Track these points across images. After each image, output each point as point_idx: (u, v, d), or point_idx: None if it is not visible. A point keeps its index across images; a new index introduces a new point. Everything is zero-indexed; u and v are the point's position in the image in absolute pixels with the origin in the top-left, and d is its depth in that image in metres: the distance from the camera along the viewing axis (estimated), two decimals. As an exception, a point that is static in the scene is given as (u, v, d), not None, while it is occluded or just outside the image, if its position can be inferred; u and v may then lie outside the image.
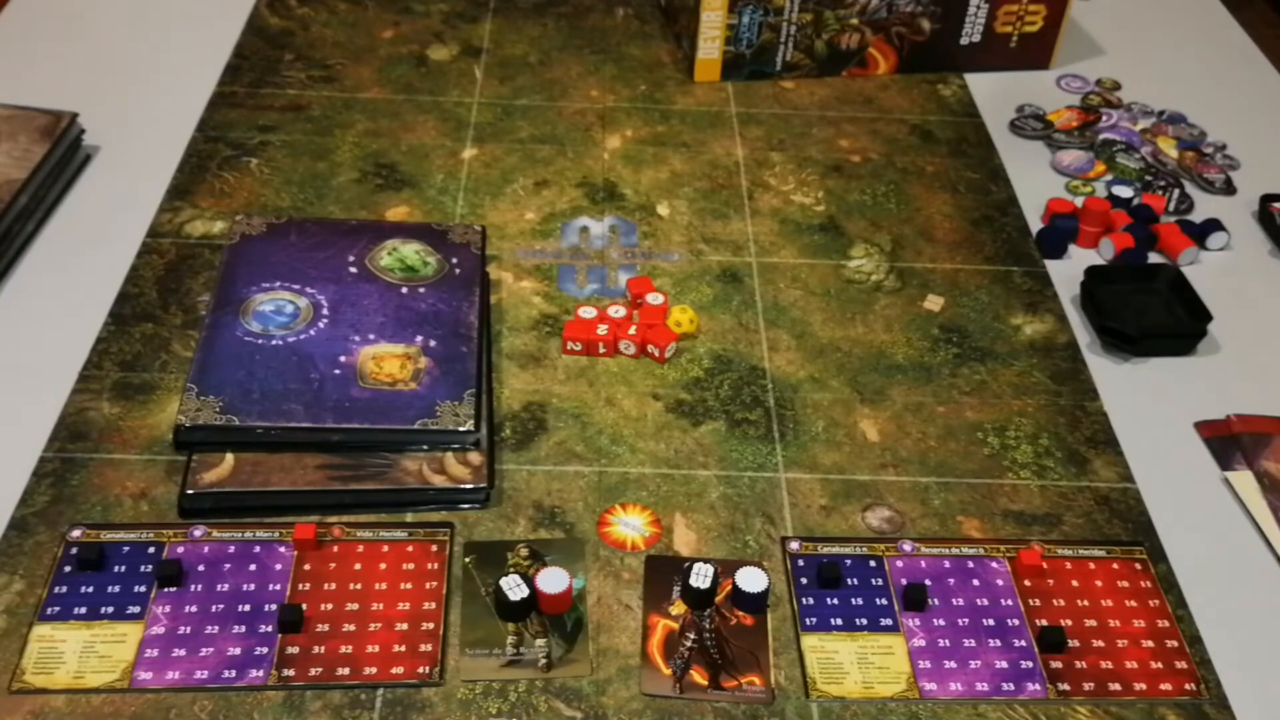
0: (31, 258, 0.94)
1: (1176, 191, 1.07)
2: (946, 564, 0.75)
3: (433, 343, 0.83)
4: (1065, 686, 0.69)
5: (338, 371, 0.80)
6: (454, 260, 0.90)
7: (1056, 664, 0.70)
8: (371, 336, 0.83)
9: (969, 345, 0.91)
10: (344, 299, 0.86)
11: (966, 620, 0.72)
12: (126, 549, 0.73)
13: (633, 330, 0.88)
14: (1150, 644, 0.72)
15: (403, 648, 0.69)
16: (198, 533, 0.74)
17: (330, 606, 0.71)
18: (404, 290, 0.87)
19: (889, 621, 0.72)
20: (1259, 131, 1.16)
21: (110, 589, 0.71)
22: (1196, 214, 1.05)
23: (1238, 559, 0.77)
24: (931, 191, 1.06)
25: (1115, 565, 0.76)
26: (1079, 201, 1.05)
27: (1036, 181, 1.08)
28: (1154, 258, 1.01)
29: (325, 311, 0.85)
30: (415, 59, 1.18)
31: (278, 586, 0.72)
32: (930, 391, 0.87)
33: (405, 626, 0.70)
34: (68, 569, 0.72)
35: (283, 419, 0.77)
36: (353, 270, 0.88)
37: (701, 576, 0.71)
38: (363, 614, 0.70)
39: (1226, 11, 1.36)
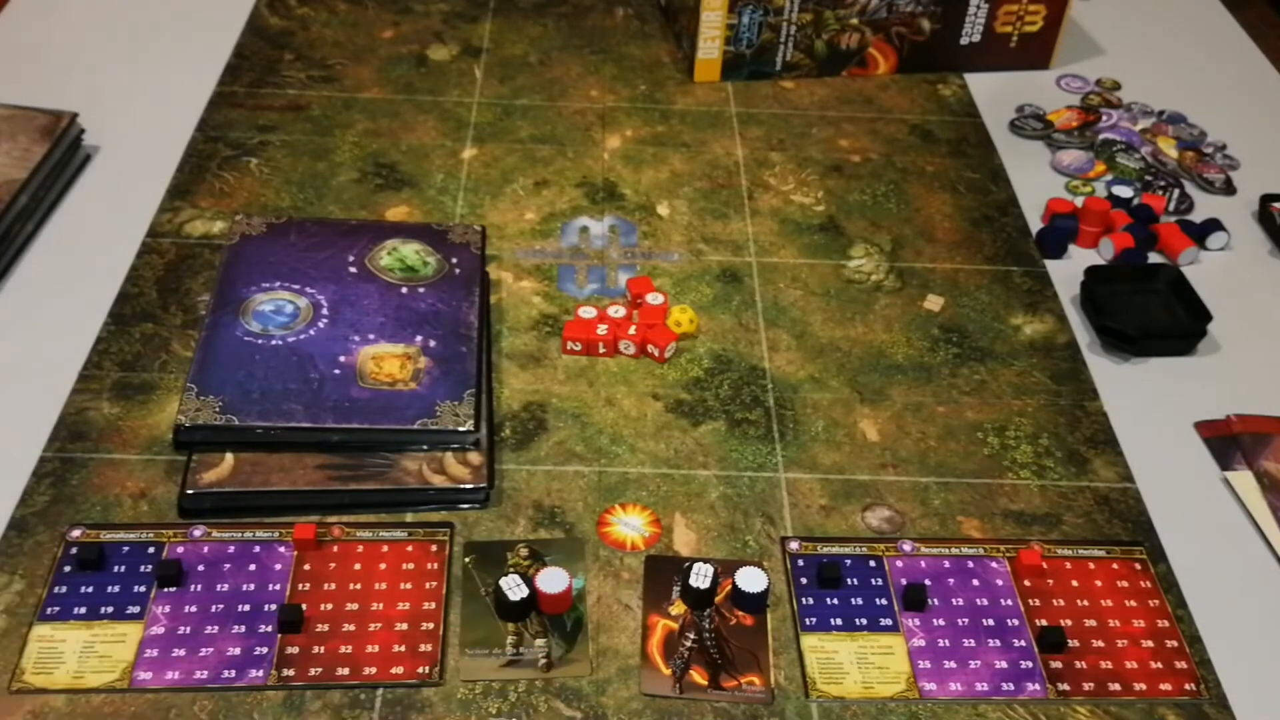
0: (31, 258, 0.94)
1: (1176, 191, 1.07)
2: (946, 564, 0.75)
3: (432, 343, 0.83)
4: (1065, 686, 0.69)
5: (337, 371, 0.80)
6: (454, 260, 0.90)
7: (1056, 664, 0.70)
8: (371, 336, 0.83)
9: (969, 345, 0.91)
10: (344, 299, 0.86)
11: (966, 620, 0.72)
12: (126, 549, 0.73)
13: (632, 330, 0.88)
14: (1150, 644, 0.72)
15: (402, 648, 0.69)
16: (197, 533, 0.74)
17: (330, 606, 0.71)
18: (404, 290, 0.87)
19: (889, 621, 0.72)
20: (1259, 131, 1.16)
21: (110, 589, 0.71)
22: (1196, 214, 1.05)
23: (1238, 559, 0.77)
24: (931, 191, 1.06)
25: (1115, 565, 0.76)
26: (1079, 201, 1.05)
27: (1036, 181, 1.08)
28: (1154, 258, 1.01)
29: (325, 311, 0.85)
30: (415, 59, 1.18)
31: (277, 586, 0.72)
32: (930, 391, 0.87)
33: (405, 626, 0.70)
34: (67, 569, 0.72)
35: (282, 419, 0.77)
36: (352, 270, 0.88)
37: (701, 576, 0.71)
38: (362, 614, 0.70)
39: (1226, 11, 1.36)
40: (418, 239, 0.92)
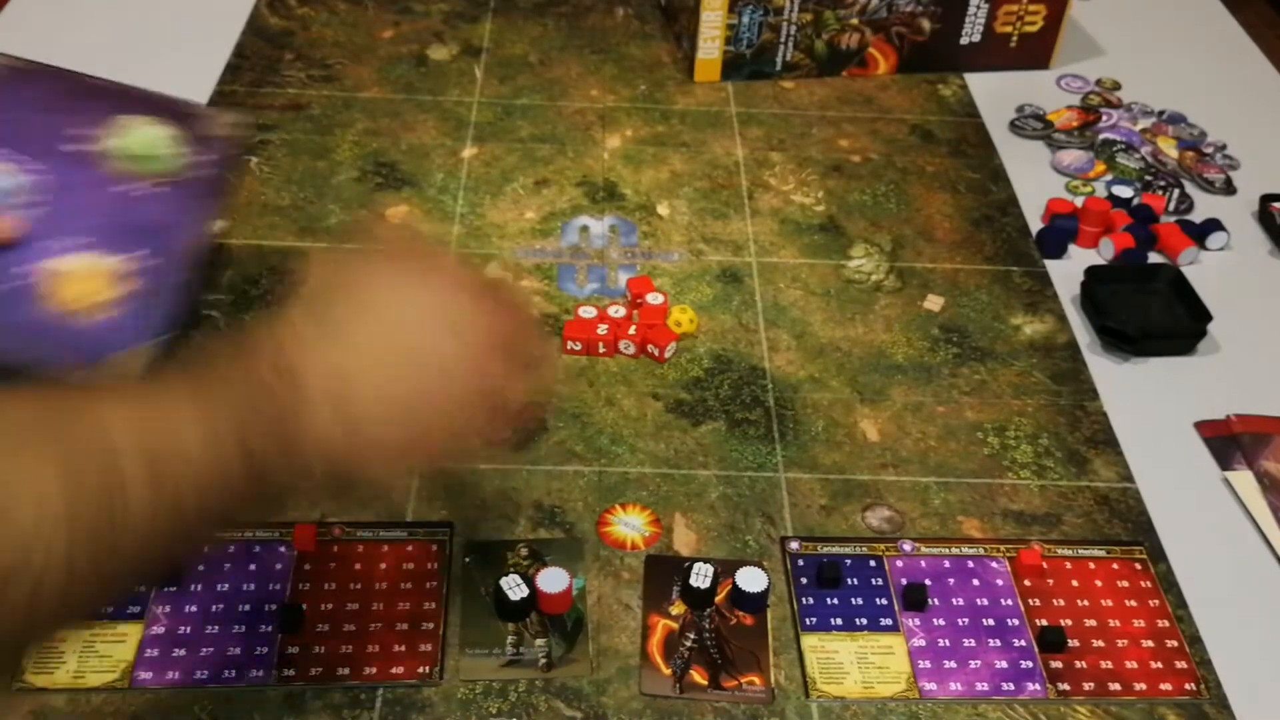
0: (31, 257, 0.94)
1: (1176, 191, 1.07)
2: (946, 564, 0.75)
3: (142, 263, 0.66)
4: (1065, 686, 0.69)
5: (16, 283, 0.65)
6: (202, 157, 0.71)
7: (1056, 664, 0.70)
8: (69, 243, 0.66)
9: (969, 345, 0.91)
10: (47, 185, 0.67)
11: (966, 620, 0.72)
12: (126, 549, 0.73)
13: (633, 330, 0.88)
14: (1150, 644, 0.72)
15: (402, 648, 0.69)
16: (198, 532, 0.74)
17: (330, 606, 0.71)
18: (125, 186, 0.69)
19: (889, 621, 0.72)
20: (1259, 131, 1.16)
21: (110, 589, 0.71)
22: (1196, 214, 1.05)
23: (1238, 559, 0.78)
24: (931, 191, 1.06)
25: (1115, 565, 0.76)
26: (1079, 201, 1.05)
27: (1036, 181, 1.08)
28: (1154, 258, 1.01)
29: (24, 199, 0.67)
30: (415, 59, 1.19)
31: (278, 586, 0.72)
32: (930, 391, 0.87)
33: (405, 626, 0.70)
34: (68, 569, 0.72)
35: None
36: (68, 149, 0.68)
37: (701, 576, 0.71)
38: (363, 614, 0.70)
39: (1226, 11, 1.36)
40: (160, 117, 0.72)
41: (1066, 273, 0.98)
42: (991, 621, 0.72)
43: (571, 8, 1.28)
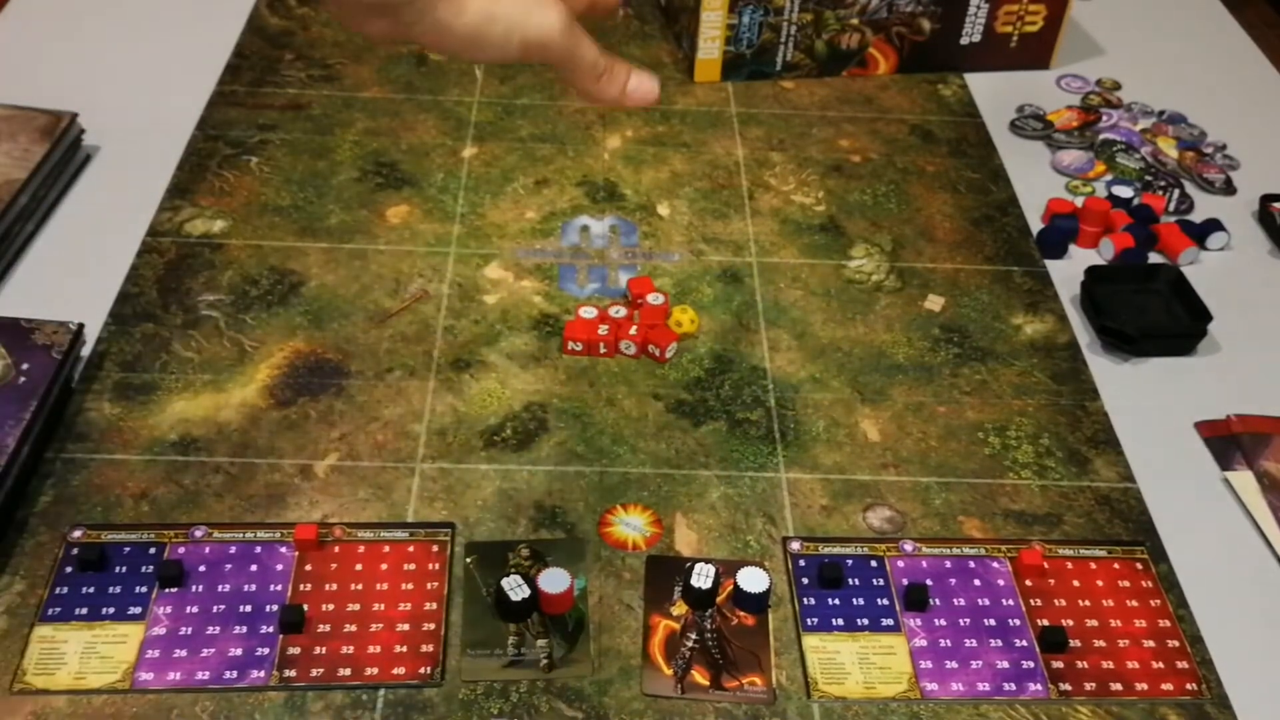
0: (31, 258, 0.94)
1: (1176, 191, 1.07)
2: (948, 564, 0.75)
3: None
4: (1067, 686, 0.69)
5: None
6: (25, 366, 0.77)
7: (1058, 664, 0.70)
8: None
9: (969, 345, 0.91)
10: None
11: (968, 620, 0.72)
12: (128, 550, 0.73)
13: (633, 330, 0.88)
14: (1152, 644, 0.72)
15: (404, 648, 0.69)
16: (199, 533, 0.74)
17: (331, 607, 0.71)
18: None
19: (890, 622, 0.72)
20: (1259, 131, 1.16)
21: (111, 590, 0.71)
22: (1196, 214, 1.05)
23: (1238, 559, 0.78)
24: (932, 191, 1.06)
25: (1116, 565, 0.76)
26: (1079, 201, 1.05)
27: (1036, 181, 1.08)
28: (1154, 258, 1.01)
29: None
30: (415, 58, 1.18)
31: (279, 587, 0.72)
32: (931, 391, 0.87)
33: (406, 627, 0.70)
34: (69, 570, 0.72)
35: None
36: None
37: (703, 577, 0.71)
38: (364, 614, 0.70)
39: (1226, 11, 1.36)
40: None
41: (1066, 273, 0.98)
42: (993, 622, 0.72)
43: (571, 8, 1.28)
